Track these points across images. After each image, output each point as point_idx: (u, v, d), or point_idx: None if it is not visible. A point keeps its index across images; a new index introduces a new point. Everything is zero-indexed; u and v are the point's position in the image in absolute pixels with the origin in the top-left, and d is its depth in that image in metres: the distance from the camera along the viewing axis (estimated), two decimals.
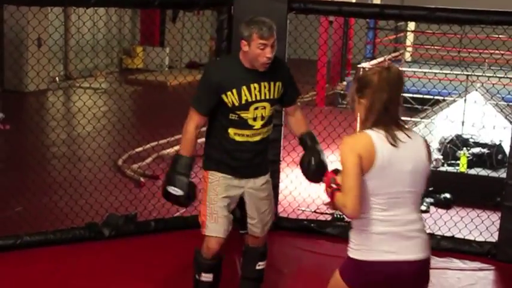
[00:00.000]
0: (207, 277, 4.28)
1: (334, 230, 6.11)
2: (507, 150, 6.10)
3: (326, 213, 6.60)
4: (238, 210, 4.35)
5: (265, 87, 4.09)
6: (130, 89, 12.59)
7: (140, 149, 8.37)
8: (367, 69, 3.10)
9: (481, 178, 7.15)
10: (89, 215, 5.97)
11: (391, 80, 3.04)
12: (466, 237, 5.93)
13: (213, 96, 4.06)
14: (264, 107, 4.11)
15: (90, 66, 12.88)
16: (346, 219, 6.31)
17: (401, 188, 3.04)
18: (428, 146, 3.15)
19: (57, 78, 14.02)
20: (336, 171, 3.21)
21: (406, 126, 3.11)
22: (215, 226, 4.17)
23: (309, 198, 6.81)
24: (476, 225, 6.07)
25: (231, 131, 4.11)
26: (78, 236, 5.68)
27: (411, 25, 15.79)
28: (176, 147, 8.68)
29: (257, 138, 4.16)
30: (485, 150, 7.67)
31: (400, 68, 9.48)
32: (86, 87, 10.67)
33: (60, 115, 7.30)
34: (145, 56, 16.86)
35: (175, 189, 4.10)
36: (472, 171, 7.32)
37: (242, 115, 4.07)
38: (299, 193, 6.78)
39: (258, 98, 4.08)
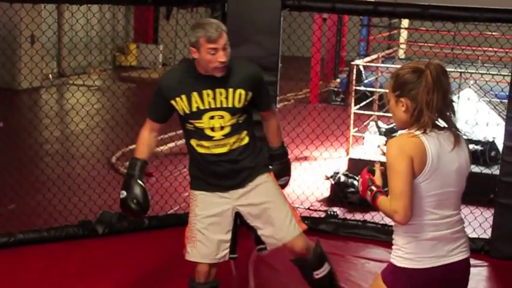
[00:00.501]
0: None
1: (327, 226, 6.11)
2: (500, 147, 6.11)
3: (320, 210, 6.61)
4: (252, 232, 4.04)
5: (221, 94, 3.75)
6: (124, 86, 12.57)
7: (133, 146, 8.33)
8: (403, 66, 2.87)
9: (475, 175, 7.12)
10: (82, 213, 5.96)
11: (441, 76, 2.90)
12: None
13: (161, 103, 3.85)
14: (222, 116, 3.76)
15: (83, 64, 12.86)
16: (340, 216, 6.34)
17: (448, 188, 2.97)
18: (468, 145, 3.11)
19: (50, 75, 13.99)
20: (371, 172, 3.10)
21: (454, 124, 3.00)
22: (193, 251, 3.92)
23: (303, 195, 6.82)
24: (469, 221, 6.06)
25: (193, 142, 3.86)
26: (71, 234, 5.68)
27: (405, 22, 15.81)
28: (170, 145, 8.69)
29: (223, 149, 3.81)
30: (479, 147, 7.68)
31: (394, 65, 9.50)
32: (79, 85, 10.63)
33: (54, 112, 7.28)
34: (139, 53, 16.84)
35: (122, 191, 3.89)
36: None
37: (197, 124, 3.77)
38: (293, 190, 6.78)
39: (213, 105, 3.75)
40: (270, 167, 4.04)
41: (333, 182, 7.09)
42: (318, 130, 7.00)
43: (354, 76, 9.09)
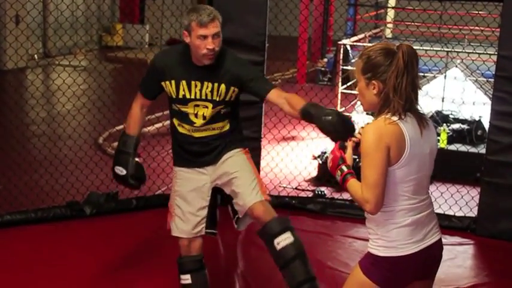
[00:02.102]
0: (185, 279, 4.03)
1: (315, 206, 6.14)
2: (486, 126, 6.14)
3: (307, 190, 6.63)
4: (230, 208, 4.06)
5: (207, 87, 3.80)
6: (110, 66, 12.52)
7: (121, 126, 8.30)
8: (370, 46, 2.91)
9: (461, 154, 7.20)
10: (69, 194, 5.95)
11: (413, 59, 2.82)
12: (446, 213, 5.98)
13: (154, 81, 3.93)
14: (206, 107, 3.84)
15: (69, 44, 12.76)
16: (328, 196, 6.36)
17: (423, 172, 2.93)
18: (435, 128, 3.06)
19: (35, 56, 13.90)
20: (342, 148, 3.02)
21: (419, 108, 2.92)
22: (173, 225, 4.01)
23: (290, 175, 6.83)
24: (456, 200, 6.12)
25: (175, 121, 3.96)
26: (59, 215, 5.67)
27: (392, 1, 15.80)
28: (157, 125, 8.67)
29: (202, 134, 3.91)
30: (465, 126, 7.71)
31: None
32: (65, 65, 10.54)
33: (40, 93, 7.24)
34: (125, 33, 16.75)
35: (120, 168, 4.04)
36: (452, 147, 7.36)
37: (182, 109, 3.87)
38: (280, 170, 6.80)
39: (198, 96, 3.82)
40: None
41: (320, 162, 7.10)
42: None
43: (341, 56, 9.09)
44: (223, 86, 3.81)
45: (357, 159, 2.98)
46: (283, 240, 3.75)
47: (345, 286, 3.04)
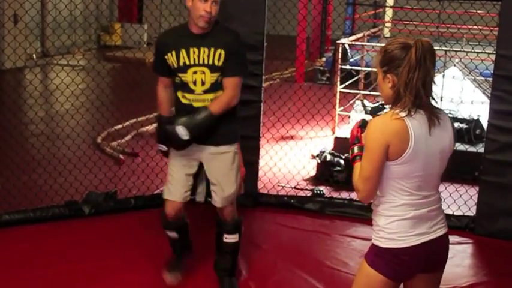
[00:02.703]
0: (171, 233, 4.62)
1: (314, 205, 6.14)
2: (485, 125, 6.14)
3: (306, 189, 6.63)
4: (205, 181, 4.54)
5: (204, 52, 4.20)
6: (109, 66, 12.50)
7: (119, 126, 8.33)
8: (392, 41, 2.94)
9: (459, 153, 7.16)
10: (68, 193, 5.95)
11: (427, 55, 2.83)
12: (445, 212, 5.96)
13: (160, 58, 4.32)
14: (203, 72, 4.21)
15: (67, 43, 12.77)
16: (326, 195, 6.36)
17: (431, 171, 2.97)
18: (453, 126, 3.07)
19: (34, 55, 13.89)
20: (362, 127, 3.04)
21: (433, 106, 2.93)
22: (165, 190, 4.47)
23: (289, 175, 6.84)
24: (454, 199, 6.12)
25: (179, 93, 4.32)
26: (57, 214, 5.67)
27: (390, 0, 15.81)
28: (156, 124, 8.66)
29: (201, 104, 4.23)
30: (464, 125, 7.71)
31: (380, 44, 9.49)
32: (63, 65, 10.53)
33: (38, 93, 7.24)
34: (123, 32, 16.74)
35: (183, 133, 4.13)
36: None
37: (182, 78, 4.25)
38: (279, 169, 6.80)
39: (196, 62, 4.20)
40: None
41: (319, 161, 7.11)
42: (304, 109, 7.00)
43: (340, 55, 9.08)
44: (220, 51, 4.20)
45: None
46: (231, 238, 4.53)
47: (355, 280, 3.11)
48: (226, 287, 4.57)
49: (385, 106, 3.45)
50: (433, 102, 2.94)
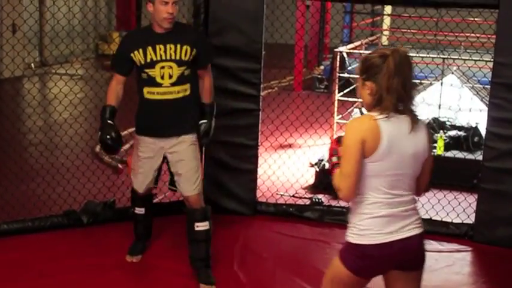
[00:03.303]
0: (140, 210, 5.09)
1: (312, 214, 6.13)
2: (483, 132, 6.14)
3: (304, 198, 6.62)
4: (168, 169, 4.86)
5: (170, 48, 4.55)
6: (107, 75, 12.44)
7: None
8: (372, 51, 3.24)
9: (458, 160, 7.20)
10: (66, 203, 5.94)
11: (404, 63, 3.03)
12: (444, 219, 5.99)
13: (124, 57, 4.64)
14: (171, 67, 4.56)
15: (65, 53, 12.76)
16: (325, 203, 6.36)
17: (402, 171, 3.09)
18: (429, 131, 3.20)
19: (32, 64, 13.90)
20: (338, 140, 3.19)
21: (410, 112, 3.08)
22: (135, 181, 4.90)
23: (288, 183, 6.83)
24: (453, 207, 6.12)
25: (145, 90, 4.64)
26: (56, 224, 5.66)
27: (388, 9, 15.83)
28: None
29: (169, 96, 4.60)
30: (462, 133, 7.72)
31: None
32: (61, 74, 10.58)
33: (36, 102, 7.22)
34: None
35: (100, 132, 4.59)
36: (449, 154, 7.37)
37: (150, 73, 4.57)
38: (277, 178, 6.80)
39: (163, 57, 4.55)
40: (203, 122, 4.79)
41: (317, 169, 7.10)
42: (302, 117, 7.01)
43: (338, 63, 9.10)
44: (186, 47, 4.57)
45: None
46: (202, 226, 4.71)
47: (326, 272, 3.32)
48: (204, 278, 4.71)
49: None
50: (415, 108, 3.10)
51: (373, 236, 3.08)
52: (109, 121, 4.63)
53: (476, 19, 6.89)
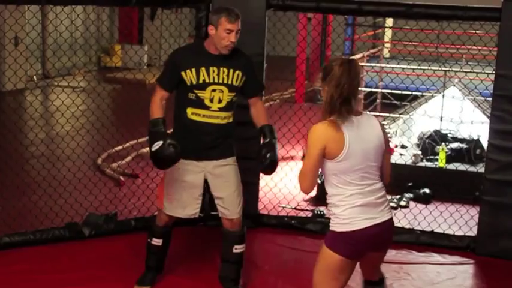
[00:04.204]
0: (157, 242, 4.78)
1: (314, 226, 6.12)
2: (485, 145, 6.15)
3: (306, 210, 6.62)
4: (207, 193, 4.66)
5: (223, 72, 4.45)
6: (109, 87, 12.54)
7: (119, 147, 8.33)
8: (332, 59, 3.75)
9: (460, 173, 7.20)
10: (68, 215, 5.94)
11: (352, 72, 3.46)
12: (446, 232, 5.98)
13: (173, 73, 4.46)
14: (222, 91, 4.45)
15: (68, 65, 12.81)
16: (327, 215, 6.35)
17: (369, 163, 3.52)
18: (381, 123, 3.65)
19: (35, 77, 13.93)
20: None
21: (360, 111, 3.63)
22: (169, 206, 4.62)
23: (289, 195, 6.83)
24: (455, 219, 6.11)
25: (189, 110, 4.46)
26: (58, 236, 5.65)
27: (389, 21, 15.85)
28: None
29: (214, 121, 4.48)
30: (464, 145, 7.72)
31: (379, 64, 9.54)
32: (64, 86, 10.59)
33: (39, 114, 7.25)
34: (124, 54, 16.78)
35: (157, 143, 4.29)
36: (451, 166, 7.37)
37: (199, 94, 4.43)
38: (279, 190, 6.79)
39: (216, 80, 4.43)
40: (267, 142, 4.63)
41: (319, 181, 7.08)
42: (304, 130, 6.98)
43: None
44: (238, 72, 4.48)
45: None
46: (240, 248, 4.69)
47: (317, 264, 3.64)
48: None
49: None
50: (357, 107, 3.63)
51: (354, 223, 3.49)
52: (165, 133, 4.39)
53: (477, 32, 6.90)
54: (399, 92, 9.72)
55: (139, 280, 4.86)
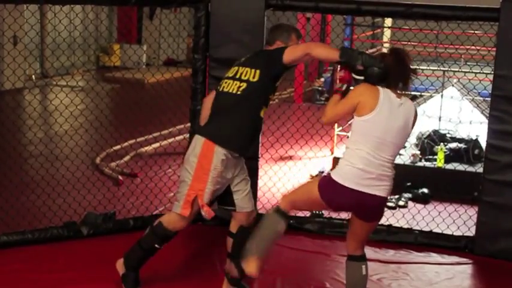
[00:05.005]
0: (160, 245, 4.64)
1: (313, 226, 6.13)
2: (484, 145, 6.15)
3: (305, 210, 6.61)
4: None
5: None
6: (108, 86, 12.53)
7: (118, 147, 8.33)
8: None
9: (458, 173, 7.20)
10: (67, 214, 5.94)
11: (403, 57, 3.95)
12: (444, 232, 5.98)
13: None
14: None
15: (66, 64, 12.80)
16: (325, 215, 6.36)
17: (388, 138, 3.85)
18: (416, 114, 4.03)
19: (33, 76, 13.92)
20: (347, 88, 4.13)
21: (402, 94, 3.96)
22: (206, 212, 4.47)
23: None
24: (453, 219, 6.11)
25: (264, 109, 4.50)
26: (56, 235, 5.65)
27: (388, 21, 15.84)
28: (155, 145, 8.67)
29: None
30: (462, 145, 7.73)
31: None
32: (62, 85, 10.57)
33: (37, 113, 7.25)
34: (123, 53, 16.78)
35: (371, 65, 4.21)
36: (450, 166, 7.37)
37: (271, 96, 4.57)
38: (278, 190, 6.79)
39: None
40: None
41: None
42: (303, 129, 7.00)
43: (338, 75, 9.10)
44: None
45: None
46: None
47: (300, 185, 4.30)
48: None
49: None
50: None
51: (350, 180, 3.83)
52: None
53: (476, 32, 6.90)
54: None
55: (129, 283, 4.71)
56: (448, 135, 8.02)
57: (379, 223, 4.34)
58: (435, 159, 7.54)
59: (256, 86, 4.38)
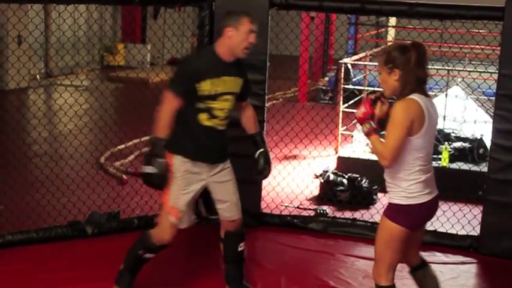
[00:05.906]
0: (150, 256, 4.59)
1: (317, 225, 6.12)
2: (488, 144, 6.14)
3: (309, 209, 6.62)
4: (200, 199, 4.68)
5: (232, 80, 4.35)
6: (112, 86, 12.54)
7: (122, 146, 8.34)
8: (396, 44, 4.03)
9: (463, 172, 7.19)
10: (71, 213, 5.95)
11: (425, 55, 3.82)
12: (449, 231, 5.97)
13: (188, 83, 4.23)
14: (229, 99, 4.36)
15: (71, 64, 12.81)
16: (330, 214, 6.35)
17: (433, 141, 3.85)
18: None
19: (38, 75, 13.93)
20: (373, 104, 3.80)
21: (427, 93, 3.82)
22: (181, 220, 4.44)
23: (292, 194, 6.83)
24: (458, 219, 6.10)
25: (203, 115, 4.29)
26: (60, 234, 5.66)
27: (392, 20, 15.84)
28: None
29: (221, 128, 4.39)
30: (467, 145, 7.71)
31: None
32: (67, 85, 10.59)
33: (42, 113, 7.25)
34: (127, 53, 16.79)
35: (152, 168, 4.25)
36: (454, 166, 7.36)
37: (209, 104, 4.28)
38: (282, 189, 6.79)
39: (227, 90, 4.32)
40: (261, 151, 4.65)
41: (322, 181, 7.10)
42: (307, 129, 7.01)
43: (342, 74, 9.11)
44: (240, 79, 4.40)
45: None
46: (243, 245, 4.65)
47: (378, 236, 3.85)
48: None
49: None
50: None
51: (419, 197, 3.75)
52: (162, 160, 4.27)
53: (481, 31, 6.88)
54: None
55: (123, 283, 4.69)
56: (452, 134, 8.01)
57: None
58: (440, 159, 7.52)
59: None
